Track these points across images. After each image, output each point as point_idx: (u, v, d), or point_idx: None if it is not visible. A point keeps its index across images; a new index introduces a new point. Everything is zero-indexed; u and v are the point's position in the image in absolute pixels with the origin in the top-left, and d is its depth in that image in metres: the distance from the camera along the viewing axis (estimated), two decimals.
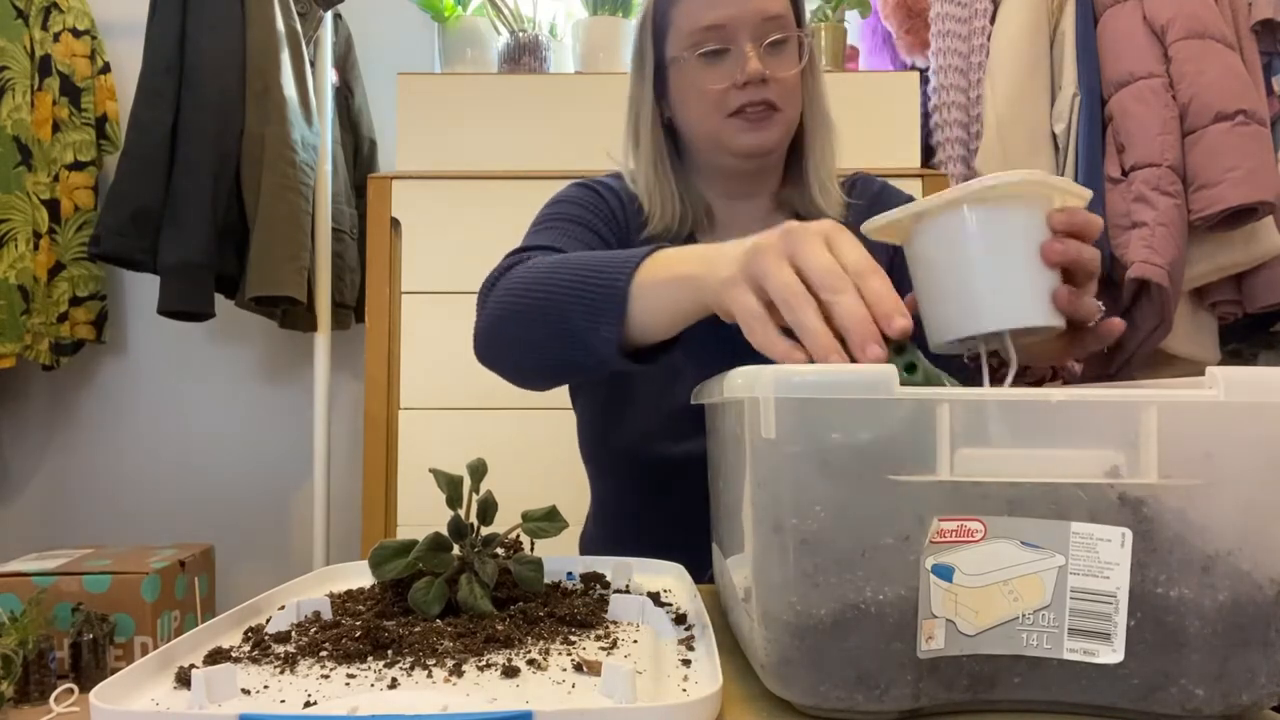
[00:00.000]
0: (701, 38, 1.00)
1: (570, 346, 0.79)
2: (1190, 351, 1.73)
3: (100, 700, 0.48)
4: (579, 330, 0.77)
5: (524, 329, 0.83)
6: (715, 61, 1.01)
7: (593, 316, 0.75)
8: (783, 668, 0.52)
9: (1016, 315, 0.64)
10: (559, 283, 0.80)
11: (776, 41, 1.00)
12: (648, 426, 1.04)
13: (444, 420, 1.75)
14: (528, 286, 0.83)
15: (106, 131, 2.06)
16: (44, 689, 1.10)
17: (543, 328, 0.81)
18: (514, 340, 0.85)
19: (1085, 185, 0.68)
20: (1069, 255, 0.64)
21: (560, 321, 0.78)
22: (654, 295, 0.73)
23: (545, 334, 0.81)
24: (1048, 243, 0.63)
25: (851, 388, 0.50)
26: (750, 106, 1.00)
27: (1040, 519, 0.51)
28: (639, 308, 0.74)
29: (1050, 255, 0.63)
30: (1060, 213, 0.64)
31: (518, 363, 0.88)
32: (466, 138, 1.81)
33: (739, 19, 0.99)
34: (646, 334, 0.75)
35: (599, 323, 0.75)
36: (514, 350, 0.87)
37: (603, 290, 0.75)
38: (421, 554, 0.69)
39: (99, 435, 2.22)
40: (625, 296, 0.74)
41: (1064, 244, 0.63)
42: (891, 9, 2.03)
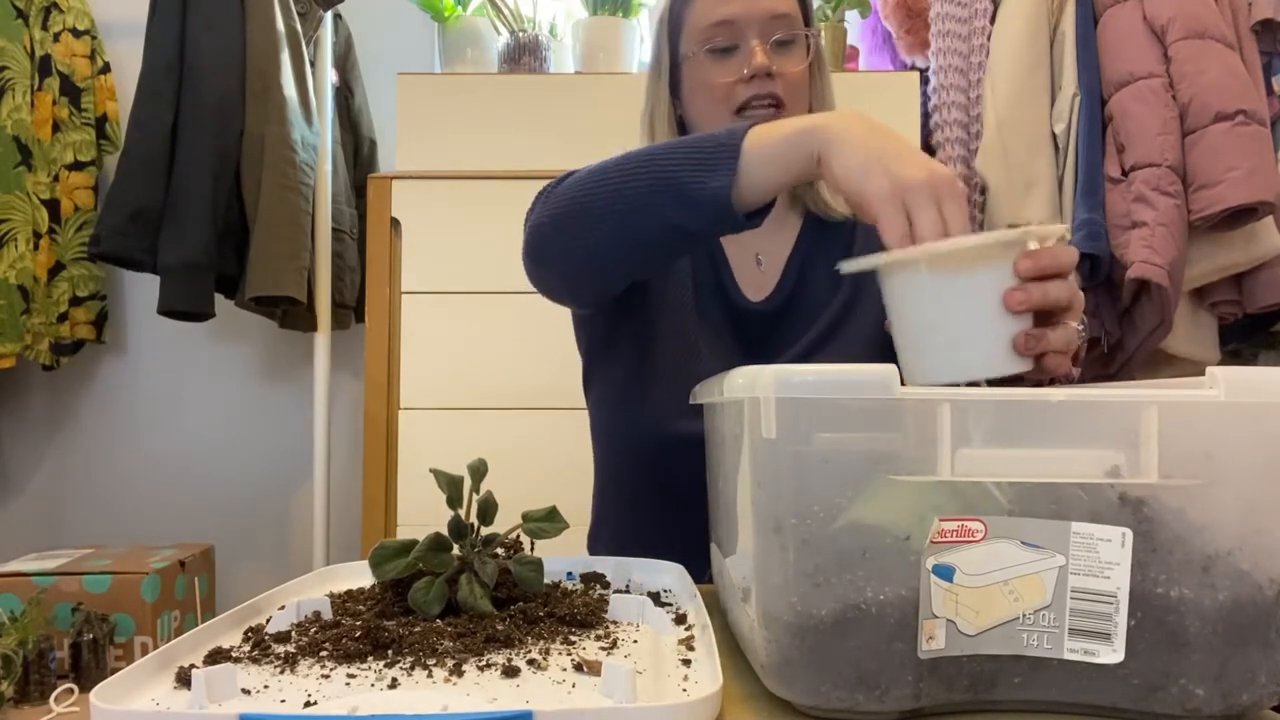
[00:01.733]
0: (711, 34, 1.02)
1: (673, 206, 0.78)
2: (1190, 351, 1.73)
3: (100, 700, 0.48)
4: (687, 186, 0.77)
5: (610, 204, 0.82)
6: (724, 57, 1.03)
7: (704, 170, 0.76)
8: (783, 668, 0.52)
9: (977, 369, 0.64)
10: (655, 156, 0.81)
11: (784, 40, 1.03)
12: (667, 403, 1.04)
13: (444, 420, 1.75)
14: (614, 168, 0.83)
15: (106, 131, 2.06)
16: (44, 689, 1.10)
17: (637, 195, 0.80)
18: (592, 222, 0.84)
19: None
20: (1032, 302, 0.64)
21: (665, 181, 0.78)
22: (766, 150, 0.75)
23: (640, 200, 0.80)
24: (1009, 292, 0.63)
25: (852, 388, 0.50)
26: (756, 100, 1.01)
27: (1041, 519, 0.51)
28: (751, 162, 0.75)
29: (1013, 306, 0.63)
30: (1026, 258, 0.64)
31: (587, 253, 0.87)
32: (466, 138, 1.81)
33: (747, 16, 1.01)
34: (755, 189, 0.76)
35: (712, 175, 0.76)
36: (589, 235, 0.85)
37: (713, 148, 0.77)
38: (421, 554, 0.69)
39: (99, 435, 2.22)
40: (739, 150, 0.75)
41: (1026, 292, 0.63)
42: (891, 9, 2.03)
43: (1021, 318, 0.65)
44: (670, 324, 1.06)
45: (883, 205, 0.67)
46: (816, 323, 1.07)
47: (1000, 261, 0.64)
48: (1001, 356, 0.64)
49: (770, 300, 1.08)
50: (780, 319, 1.08)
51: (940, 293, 0.64)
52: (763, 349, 1.07)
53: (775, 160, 0.75)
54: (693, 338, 1.05)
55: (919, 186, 0.66)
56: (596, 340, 1.13)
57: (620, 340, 1.09)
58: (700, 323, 1.06)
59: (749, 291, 1.09)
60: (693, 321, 1.06)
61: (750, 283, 1.09)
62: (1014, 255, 0.64)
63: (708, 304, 1.07)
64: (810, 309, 1.08)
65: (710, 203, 0.76)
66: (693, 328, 1.06)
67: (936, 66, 1.90)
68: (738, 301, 1.08)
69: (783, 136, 0.75)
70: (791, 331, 1.07)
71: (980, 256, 0.63)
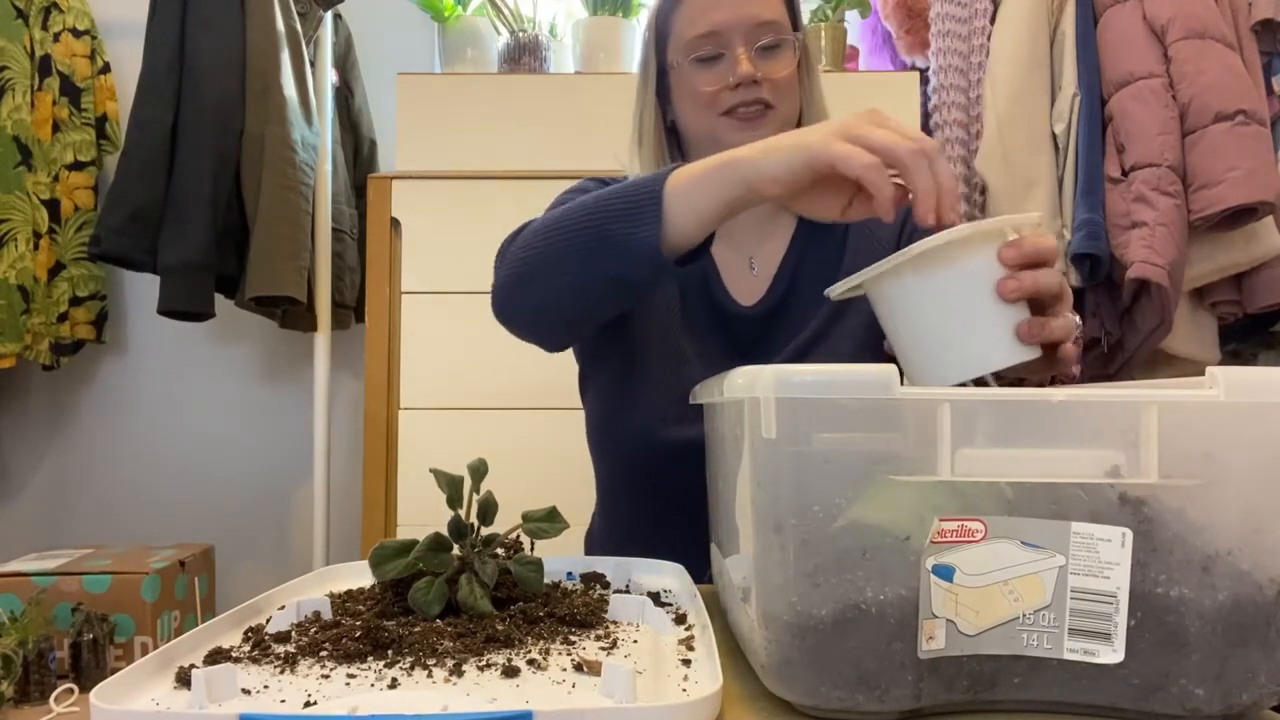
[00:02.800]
0: (697, 44, 1.03)
1: (609, 259, 0.79)
2: (1190, 351, 1.73)
3: (100, 700, 0.48)
4: (618, 239, 0.78)
5: (557, 259, 0.84)
6: (710, 66, 1.03)
7: (630, 221, 0.77)
8: (783, 668, 0.52)
9: (982, 362, 0.64)
10: (591, 207, 0.81)
11: (770, 46, 1.03)
12: (656, 411, 1.05)
13: (444, 420, 1.75)
14: (557, 221, 0.85)
15: (106, 131, 2.06)
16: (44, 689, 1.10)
17: (578, 250, 0.81)
18: (544, 277, 0.86)
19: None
20: (1025, 289, 0.64)
21: (597, 235, 0.79)
22: (689, 191, 0.76)
23: (581, 255, 0.81)
24: (1002, 281, 0.63)
25: (852, 388, 0.50)
26: (743, 106, 1.02)
27: (1041, 519, 0.51)
28: (676, 205, 0.76)
29: (1007, 294, 0.63)
30: (1009, 247, 0.64)
31: (545, 305, 0.89)
32: (466, 138, 1.81)
33: (732, 25, 1.02)
34: (684, 231, 0.77)
35: (637, 225, 0.77)
36: (543, 290, 0.87)
37: (637, 196, 0.78)
38: (421, 554, 0.69)
39: (99, 435, 2.22)
40: (660, 196, 0.76)
41: (1018, 279, 0.63)
42: (891, 9, 2.03)
43: (1018, 307, 0.65)
44: (657, 333, 1.06)
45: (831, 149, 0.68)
46: (807, 325, 1.07)
47: (984, 251, 0.64)
48: (1007, 345, 0.64)
49: (762, 304, 1.08)
50: (771, 322, 1.08)
51: (932, 292, 0.64)
52: (753, 352, 1.07)
53: (700, 196, 0.76)
54: (680, 346, 1.06)
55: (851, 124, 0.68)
56: (587, 350, 1.14)
57: (609, 351, 1.10)
58: (688, 330, 1.06)
59: (740, 296, 1.09)
60: (680, 330, 1.06)
61: (742, 287, 1.09)
62: (996, 245, 0.64)
63: (695, 311, 1.07)
64: (802, 312, 1.08)
65: (641, 253, 0.77)
66: (680, 336, 1.06)
67: (936, 66, 1.90)
68: (727, 307, 1.08)
69: (703, 172, 0.76)
70: (782, 334, 1.07)
71: (963, 248, 0.63)
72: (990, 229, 0.64)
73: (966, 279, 0.64)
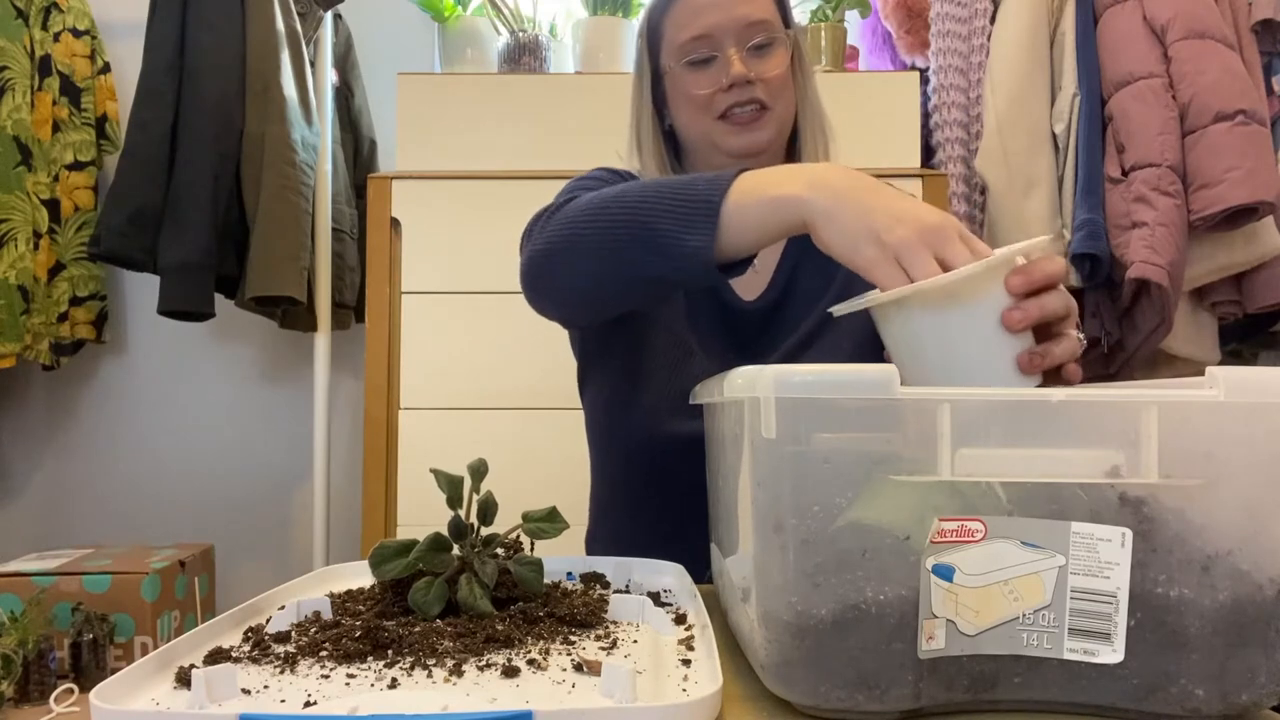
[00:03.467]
0: (689, 48, 1.03)
1: (653, 258, 0.79)
2: (1190, 351, 1.73)
3: (100, 700, 0.48)
4: (666, 240, 0.77)
5: (595, 246, 0.83)
6: (703, 69, 1.03)
7: (683, 226, 0.76)
8: (783, 668, 0.52)
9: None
10: (639, 199, 0.80)
11: (761, 45, 1.03)
12: (659, 404, 1.05)
13: (444, 420, 1.75)
14: (601, 206, 0.83)
15: (106, 131, 2.06)
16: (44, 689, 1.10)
17: (619, 242, 0.81)
18: (579, 261, 0.85)
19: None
20: (1031, 318, 0.63)
21: (644, 233, 0.79)
22: (750, 211, 0.75)
23: (622, 247, 0.81)
24: (1007, 313, 0.63)
25: (852, 388, 0.50)
26: (739, 107, 1.02)
27: (1040, 519, 0.51)
28: (733, 221, 0.75)
29: (1012, 325, 0.63)
30: (1017, 275, 0.63)
31: (576, 288, 0.88)
32: (466, 138, 1.81)
33: (723, 27, 1.02)
34: (735, 247, 0.76)
35: (691, 233, 0.76)
36: (575, 272, 0.86)
37: (695, 202, 0.76)
38: (421, 554, 0.69)
39: (99, 435, 2.22)
40: (719, 209, 0.75)
41: (1024, 309, 0.63)
42: (891, 9, 2.03)
43: (1022, 336, 0.64)
44: (662, 327, 1.06)
45: (878, 270, 0.66)
46: (807, 320, 1.07)
47: (991, 286, 0.63)
48: (1010, 377, 0.64)
49: (762, 299, 1.08)
50: (772, 317, 1.08)
51: (936, 328, 0.64)
52: (755, 347, 1.07)
53: (756, 223, 0.75)
54: (685, 339, 1.06)
55: (911, 245, 0.65)
56: (590, 345, 1.14)
57: (613, 345, 1.09)
58: (692, 324, 1.07)
59: (742, 291, 1.09)
60: (684, 323, 1.06)
61: (742, 282, 1.09)
62: (1003, 276, 0.63)
63: (699, 305, 1.08)
64: (801, 307, 1.08)
65: (689, 260, 0.76)
66: (684, 330, 1.06)
67: (936, 66, 1.90)
68: (730, 301, 1.08)
69: (767, 199, 0.74)
70: (782, 330, 1.08)
71: (968, 285, 0.63)
72: (998, 262, 0.63)
73: (971, 316, 0.63)
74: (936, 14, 1.90)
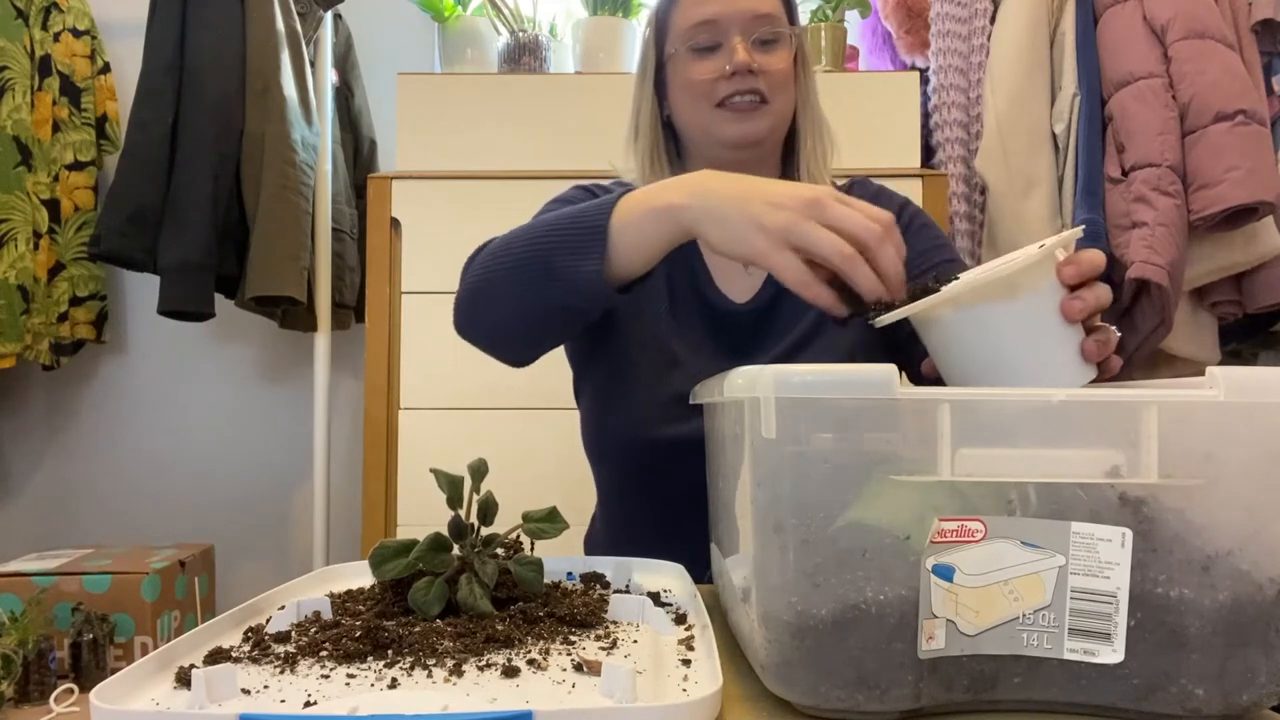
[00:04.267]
0: (694, 33, 1.04)
1: (555, 288, 0.82)
2: (1190, 351, 1.73)
3: (100, 700, 0.48)
4: (563, 270, 0.81)
5: (506, 285, 0.86)
6: (706, 56, 1.04)
7: (576, 254, 0.80)
8: (783, 668, 0.52)
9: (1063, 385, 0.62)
10: (539, 234, 0.84)
11: (766, 38, 1.03)
12: (647, 410, 1.05)
13: (444, 420, 1.75)
14: (507, 246, 0.87)
15: (106, 131, 2.06)
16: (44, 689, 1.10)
17: (526, 277, 0.84)
18: (496, 300, 0.88)
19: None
20: (1090, 307, 0.63)
21: (544, 266, 0.82)
22: (634, 228, 0.78)
23: (529, 282, 0.84)
24: (1067, 302, 0.62)
25: (852, 387, 0.50)
26: (739, 96, 1.02)
27: (1040, 519, 0.51)
28: (621, 241, 0.79)
29: (1073, 314, 0.63)
30: (1068, 265, 0.63)
31: (497, 326, 0.92)
32: (466, 138, 1.81)
33: (729, 15, 1.02)
34: (628, 266, 0.80)
35: (583, 259, 0.79)
36: (495, 311, 0.90)
37: (584, 229, 0.80)
38: (421, 554, 0.69)
39: (99, 435, 2.22)
40: (606, 231, 0.79)
41: (1082, 298, 0.63)
42: (891, 9, 2.03)
43: (1078, 326, 0.64)
44: (646, 334, 1.06)
45: (771, 259, 0.68)
46: (801, 322, 1.06)
47: (1045, 275, 0.63)
48: (1076, 367, 0.63)
49: (755, 300, 1.08)
50: (765, 319, 1.08)
51: (993, 325, 0.63)
52: (746, 350, 1.07)
53: (643, 239, 0.78)
54: (669, 346, 1.06)
55: (796, 223, 0.67)
56: (578, 353, 1.14)
57: (599, 353, 1.10)
58: (677, 329, 1.06)
59: (732, 293, 1.09)
60: (669, 329, 1.06)
61: (734, 285, 1.09)
62: (1054, 267, 0.63)
63: (684, 310, 1.07)
64: (796, 308, 1.07)
65: (586, 284, 0.80)
66: (669, 336, 1.06)
67: (936, 66, 1.90)
68: (718, 304, 1.08)
69: (649, 212, 0.77)
70: (776, 332, 1.07)
71: (1026, 276, 0.62)
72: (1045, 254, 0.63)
73: (1032, 307, 0.63)
74: (936, 14, 1.90)
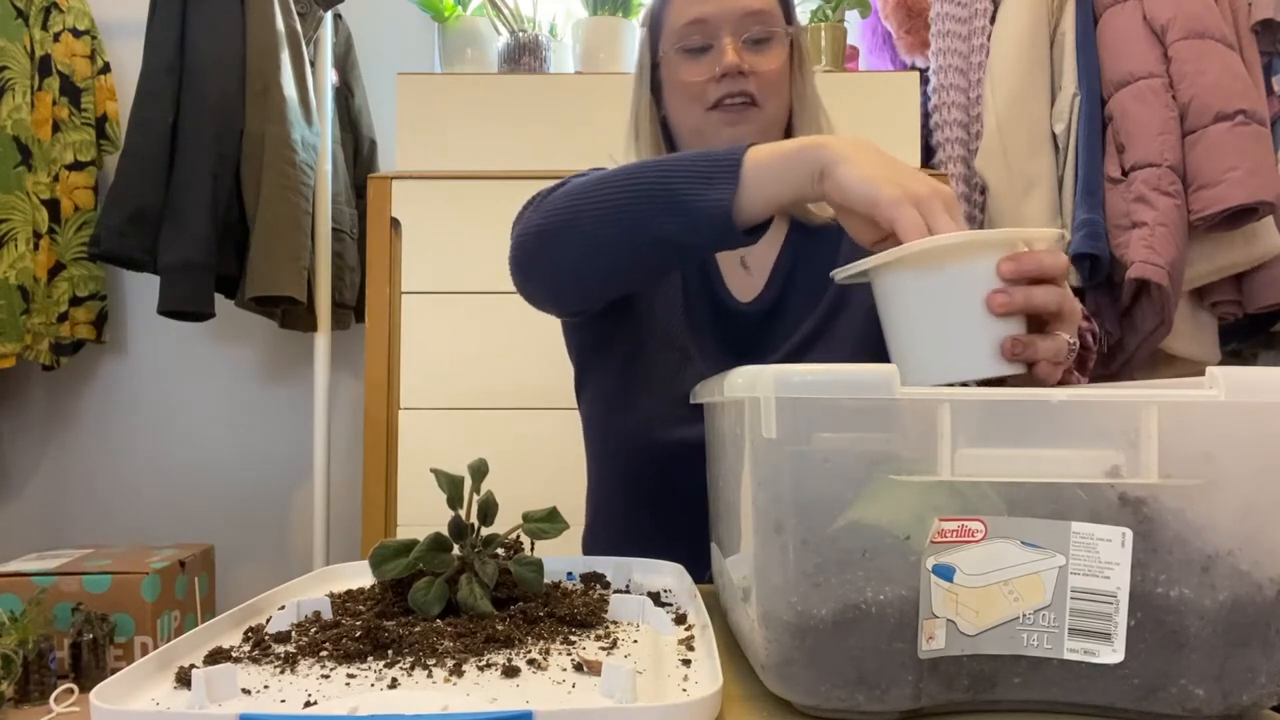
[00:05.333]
0: (685, 33, 1.02)
1: (669, 217, 0.78)
2: (1190, 351, 1.73)
3: (100, 700, 0.48)
4: (684, 199, 0.77)
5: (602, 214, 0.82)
6: (698, 57, 1.02)
7: (703, 183, 0.76)
8: (783, 668, 0.52)
9: (961, 371, 0.63)
10: (656, 167, 0.80)
11: (759, 38, 1.02)
12: (656, 410, 1.04)
13: (444, 420, 1.75)
14: (609, 179, 0.83)
15: (106, 131, 2.06)
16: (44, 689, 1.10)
17: (634, 207, 0.80)
18: (578, 236, 0.84)
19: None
20: (1014, 305, 0.62)
21: (661, 192, 0.78)
22: (766, 165, 0.75)
23: (637, 211, 0.80)
24: (992, 294, 0.62)
25: (852, 387, 0.50)
26: (729, 99, 1.01)
27: (1041, 519, 0.51)
28: (752, 178, 0.75)
29: (994, 307, 0.62)
30: (1008, 261, 0.63)
31: (574, 266, 0.87)
32: (466, 138, 1.81)
33: (720, 14, 1.01)
34: (753, 207, 0.75)
35: (711, 188, 0.75)
36: (574, 249, 0.85)
37: (715, 161, 0.76)
38: (422, 554, 0.69)
39: (99, 435, 2.22)
40: (740, 164, 0.75)
41: (1008, 294, 0.62)
42: (891, 9, 2.03)
43: (1010, 322, 0.63)
44: (659, 331, 1.06)
45: (898, 208, 0.66)
46: (805, 323, 1.06)
47: (982, 261, 0.63)
48: (985, 359, 0.63)
49: (759, 302, 1.08)
50: (769, 320, 1.08)
51: (925, 292, 0.64)
52: (752, 350, 1.06)
53: (775, 176, 0.74)
54: (682, 343, 1.05)
55: (928, 197, 0.66)
56: (586, 349, 1.13)
57: (609, 348, 1.09)
58: (689, 328, 1.06)
59: (738, 293, 1.08)
60: (682, 327, 1.06)
61: (738, 285, 1.09)
62: (998, 256, 0.63)
63: (697, 308, 1.07)
64: (799, 310, 1.07)
65: (709, 215, 0.76)
66: (682, 333, 1.06)
67: (936, 66, 1.90)
68: (727, 303, 1.08)
69: (783, 154, 0.74)
70: (780, 332, 1.07)
71: (961, 255, 0.63)
72: (997, 240, 0.63)
73: (959, 286, 0.63)
74: (936, 14, 1.90)
